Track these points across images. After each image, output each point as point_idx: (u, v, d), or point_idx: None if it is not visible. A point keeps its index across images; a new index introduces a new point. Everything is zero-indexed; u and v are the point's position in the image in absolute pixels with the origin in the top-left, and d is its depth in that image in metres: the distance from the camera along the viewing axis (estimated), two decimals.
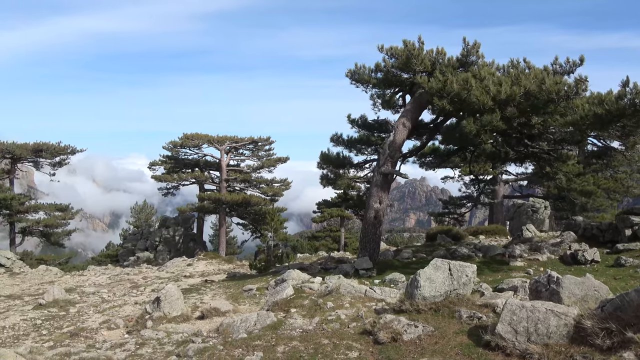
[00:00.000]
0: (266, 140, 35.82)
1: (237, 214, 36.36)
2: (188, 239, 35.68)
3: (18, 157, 34.09)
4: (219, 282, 15.35)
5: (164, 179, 34.84)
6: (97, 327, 9.69)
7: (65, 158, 36.45)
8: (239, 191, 35.04)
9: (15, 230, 33.37)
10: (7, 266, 22.40)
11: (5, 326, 10.40)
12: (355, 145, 18.30)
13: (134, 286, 16.22)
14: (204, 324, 8.82)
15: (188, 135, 33.89)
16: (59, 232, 35.15)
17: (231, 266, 22.28)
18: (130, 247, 36.63)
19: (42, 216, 34.46)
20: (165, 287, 9.84)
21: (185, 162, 36.25)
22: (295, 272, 10.52)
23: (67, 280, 19.36)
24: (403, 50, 14.74)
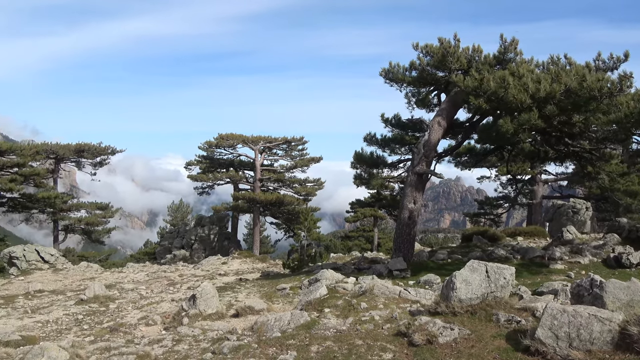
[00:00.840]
0: (299, 140, 35.99)
1: (271, 213, 36.66)
2: (223, 237, 36.22)
3: (61, 157, 35.41)
4: (253, 281, 15.52)
5: (199, 178, 35.47)
6: (135, 323, 9.96)
7: (105, 158, 37.65)
8: (273, 191, 35.33)
9: (58, 228, 34.67)
10: (50, 262, 23.26)
11: (49, 320, 10.81)
12: (389, 145, 18.17)
13: (171, 283, 16.59)
14: (239, 322, 8.92)
15: (223, 136, 34.39)
16: (99, 230, 36.32)
17: (265, 265, 22.49)
18: (167, 245, 37.48)
19: (83, 214, 35.70)
20: (200, 285, 10.01)
21: (220, 162, 36.80)
22: (328, 272, 10.52)
23: (107, 276, 19.96)
24: (438, 48, 14.53)
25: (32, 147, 32.27)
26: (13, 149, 29.81)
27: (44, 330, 9.82)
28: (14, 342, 8.06)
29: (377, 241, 39.51)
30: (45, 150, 33.93)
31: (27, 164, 29.82)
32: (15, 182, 28.11)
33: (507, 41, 14.46)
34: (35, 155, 31.51)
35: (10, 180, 27.95)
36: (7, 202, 30.65)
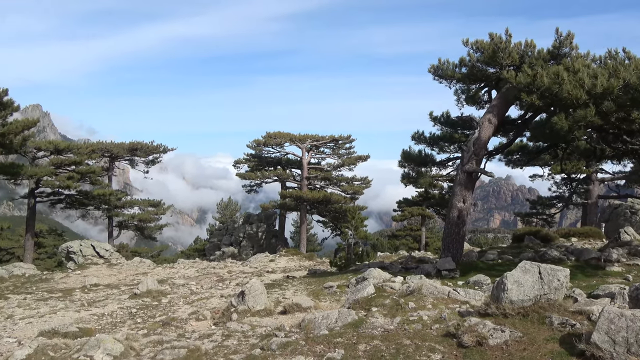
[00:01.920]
0: (347, 139, 35.93)
1: (318, 211, 36.82)
2: (270, 235, 36.71)
3: (116, 155, 36.93)
4: (300, 279, 15.63)
5: (247, 176, 36.08)
6: (186, 318, 10.23)
7: (157, 156, 38.97)
8: (320, 189, 35.45)
9: (113, 224, 36.19)
10: (105, 257, 24.29)
11: (105, 313, 11.28)
12: (438, 143, 17.85)
13: (220, 280, 16.96)
14: (286, 319, 9.00)
15: (271, 134, 34.81)
16: (151, 227, 37.66)
17: (311, 263, 22.61)
18: (216, 242, 38.37)
19: (136, 211, 37.11)
20: (249, 282, 10.17)
21: (268, 160, 37.29)
22: (376, 271, 10.45)
23: (158, 272, 20.64)
24: (489, 44, 14.13)
25: (88, 146, 33.83)
26: (70, 147, 31.33)
27: (99, 323, 10.25)
28: (72, 333, 8.47)
29: (424, 240, 38.96)
30: (100, 149, 35.49)
31: (84, 162, 31.25)
32: (72, 180, 29.53)
33: (562, 35, 13.88)
34: (91, 154, 33.01)
35: (68, 178, 29.38)
36: (65, 198, 32.23)
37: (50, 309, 12.02)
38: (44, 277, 19.09)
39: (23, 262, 24.58)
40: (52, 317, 10.99)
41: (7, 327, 9.88)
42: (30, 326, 9.97)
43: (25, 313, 11.51)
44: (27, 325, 10.06)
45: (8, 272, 19.95)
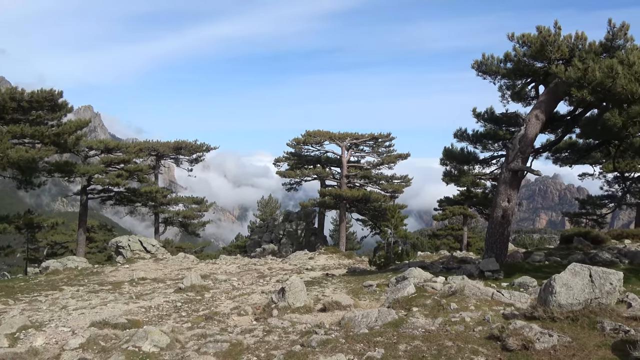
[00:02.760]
0: (386, 137, 35.63)
1: (357, 209, 36.71)
2: (310, 233, 36.89)
3: (161, 154, 38.03)
4: (340, 277, 15.63)
5: (287, 174, 36.37)
6: (228, 313, 10.42)
7: (201, 155, 39.86)
8: (359, 187, 35.31)
9: (159, 220, 37.30)
10: (152, 252, 25.05)
11: (152, 306, 11.63)
12: (481, 140, 17.44)
13: (261, 276, 17.18)
14: (326, 317, 9.03)
15: (310, 133, 34.94)
16: (195, 223, 38.58)
17: (351, 261, 22.57)
18: (257, 239, 38.90)
19: (181, 208, 38.11)
20: (289, 279, 10.26)
21: (307, 158, 37.46)
22: (416, 270, 10.33)
23: (202, 267, 21.10)
24: (536, 37, 13.67)
25: (136, 145, 34.97)
26: (120, 146, 32.48)
27: (146, 315, 10.58)
28: (121, 324, 8.79)
29: (466, 240, 38.20)
30: (147, 147, 36.62)
31: (132, 161, 32.32)
32: (121, 177, 30.60)
33: (616, 26, 13.26)
34: (139, 153, 34.10)
35: (117, 176, 30.47)
36: (115, 195, 33.45)
37: (101, 300, 12.51)
38: (95, 270, 19.88)
39: (76, 256, 25.70)
40: (102, 308, 11.43)
41: (62, 317, 10.35)
42: (83, 317, 10.41)
43: (78, 304, 12.02)
44: (80, 316, 10.50)
45: (62, 265, 20.90)
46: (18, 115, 21.45)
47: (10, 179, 24.19)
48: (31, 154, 20.58)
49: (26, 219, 23.73)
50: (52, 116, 22.37)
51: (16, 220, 22.81)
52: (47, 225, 26.57)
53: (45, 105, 21.74)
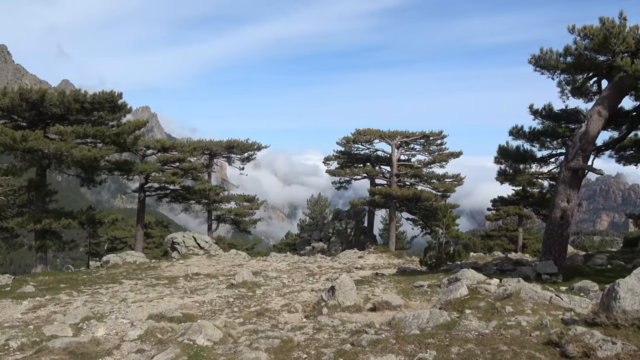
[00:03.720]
0: (438, 135, 34.95)
1: (407, 209, 36.24)
2: (359, 231, 36.78)
3: (214, 153, 39.00)
4: (389, 276, 15.49)
5: (337, 173, 36.38)
6: (279, 309, 10.55)
7: (252, 154, 40.56)
8: (410, 186, 34.84)
9: (212, 218, 38.28)
10: (205, 249, 25.76)
11: (205, 301, 11.95)
12: (539, 138, 16.76)
13: (310, 274, 17.29)
14: (376, 316, 8.98)
15: (360, 131, 34.79)
16: (246, 221, 39.32)
17: (401, 261, 22.33)
18: (306, 237, 39.17)
19: (233, 206, 38.94)
20: (339, 277, 10.27)
21: (357, 157, 37.33)
22: (469, 272, 10.07)
23: (253, 264, 21.49)
24: (599, 30, 12.97)
25: (190, 144, 36.01)
26: (175, 146, 33.58)
27: (200, 310, 10.88)
28: (176, 318, 9.09)
29: (521, 242, 36.93)
30: (201, 146, 37.65)
31: (187, 160, 33.33)
32: (176, 176, 31.63)
33: None
34: (193, 152, 35.08)
35: (172, 174, 31.52)
36: (170, 193, 34.63)
37: (157, 294, 12.98)
38: (151, 265, 20.67)
39: (134, 251, 26.83)
40: (159, 302, 11.86)
41: (122, 309, 10.83)
42: (141, 309, 10.84)
43: (137, 297, 12.53)
44: (138, 309, 10.95)
45: (122, 259, 21.87)
46: (81, 116, 22.61)
47: (74, 177, 25.53)
48: (93, 153, 21.63)
49: (89, 215, 24.95)
50: (113, 117, 23.43)
51: (80, 216, 24.02)
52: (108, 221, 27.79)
53: (106, 107, 22.79)
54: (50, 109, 21.47)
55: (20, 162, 22.62)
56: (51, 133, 21.85)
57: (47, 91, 21.46)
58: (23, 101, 20.67)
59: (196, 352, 6.51)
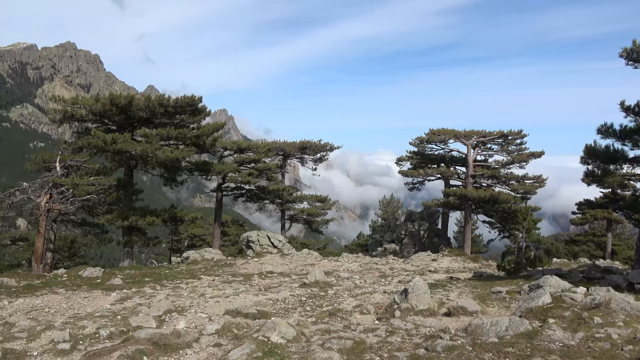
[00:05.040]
0: (517, 134, 33.32)
1: (484, 211, 34.88)
2: (432, 233, 35.93)
3: (288, 154, 39.75)
4: (465, 281, 15.00)
5: (410, 174, 35.74)
6: (351, 310, 10.53)
7: (324, 154, 40.91)
8: (487, 187, 33.48)
9: (285, 217, 39.03)
10: (278, 247, 26.30)
11: (278, 299, 12.18)
12: (631, 137, 15.48)
13: (382, 276, 17.12)
14: (451, 322, 8.72)
15: (434, 131, 33.95)
16: (318, 221, 39.71)
17: (477, 265, 21.56)
18: (378, 238, 38.86)
19: (305, 206, 39.46)
20: (412, 280, 10.08)
21: (430, 157, 36.46)
22: (552, 279, 9.50)
23: (324, 264, 21.64)
24: None
25: (265, 145, 36.94)
26: (250, 147, 34.60)
27: (274, 307, 11.11)
28: (251, 314, 9.34)
29: (610, 248, 34.35)
30: (275, 147, 38.53)
31: (261, 160, 34.21)
32: (252, 176, 32.57)
33: None
34: (268, 152, 35.96)
35: (248, 174, 32.49)
36: (246, 193, 35.73)
37: (233, 290, 13.43)
38: (228, 262, 21.42)
39: (212, 248, 27.94)
40: (235, 298, 12.26)
41: (200, 304, 11.30)
42: (218, 305, 11.26)
43: (214, 293, 13.03)
44: (216, 304, 11.37)
45: (200, 256, 22.86)
46: (165, 119, 23.93)
47: (158, 177, 27.06)
48: (175, 154, 22.81)
49: (171, 213, 26.35)
50: (193, 119, 24.59)
51: (163, 214, 25.44)
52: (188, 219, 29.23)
53: (187, 110, 23.96)
54: (137, 113, 22.92)
55: (110, 163, 24.37)
56: (138, 135, 23.31)
57: (135, 96, 22.91)
58: (113, 106, 22.21)
59: (270, 349, 6.64)
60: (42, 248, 21.23)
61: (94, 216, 26.66)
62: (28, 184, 22.59)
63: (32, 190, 22.19)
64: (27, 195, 22.09)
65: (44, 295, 12.49)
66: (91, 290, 13.46)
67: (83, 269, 17.68)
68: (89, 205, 24.72)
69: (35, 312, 10.50)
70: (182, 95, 23.49)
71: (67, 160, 23.44)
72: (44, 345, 7.47)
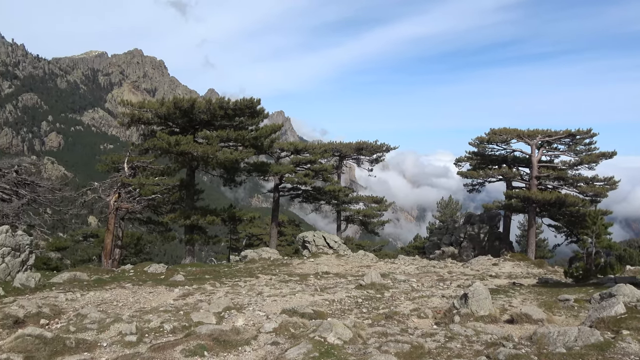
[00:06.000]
0: (586, 133, 31.59)
1: (549, 214, 33.31)
2: (493, 237, 34.77)
3: (344, 154, 39.79)
4: (529, 287, 14.37)
5: (469, 175, 34.77)
6: (408, 314, 10.35)
7: (380, 155, 40.64)
8: (552, 189, 31.97)
9: (340, 218, 39.07)
10: (334, 248, 26.33)
11: (334, 300, 12.17)
12: None
13: (440, 279, 16.73)
14: (514, 329, 8.37)
15: (495, 131, 32.83)
16: (374, 222, 39.47)
17: (541, 271, 20.63)
18: (436, 240, 38.08)
19: (361, 207, 39.35)
20: (473, 285, 9.77)
21: (491, 158, 35.30)
22: (626, 287, 8.89)
23: (380, 266, 21.43)
24: None
25: (321, 146, 37.17)
26: (307, 148, 34.92)
27: (330, 308, 11.11)
28: (308, 314, 9.38)
29: None
30: (331, 148, 38.68)
31: (317, 161, 34.46)
32: (308, 177, 32.87)
33: None
34: (324, 153, 36.17)
35: (304, 175, 32.81)
36: (302, 193, 36.11)
37: (290, 290, 13.56)
38: (284, 262, 21.69)
39: (269, 247, 28.41)
40: (291, 297, 12.38)
41: (258, 302, 11.49)
42: (275, 304, 11.40)
43: (271, 292, 13.22)
44: (273, 303, 11.53)
45: (258, 255, 23.29)
46: (224, 121, 24.61)
47: (218, 177, 27.85)
48: (235, 156, 23.39)
49: (230, 213, 27.07)
50: (252, 121, 25.14)
51: (222, 214, 26.18)
52: (246, 218, 29.92)
53: (246, 112, 24.53)
54: (198, 115, 23.71)
55: (174, 164, 25.34)
56: (199, 137, 24.11)
57: (197, 100, 23.72)
58: (177, 109, 23.09)
59: (327, 350, 6.63)
60: (111, 244, 22.38)
61: (159, 215, 27.83)
62: (99, 184, 23.91)
63: (102, 189, 23.46)
64: (98, 194, 23.38)
65: (112, 289, 13.15)
66: (156, 285, 14.03)
67: (148, 265, 18.47)
68: (154, 204, 25.82)
69: (105, 305, 11.06)
70: (241, 98, 24.09)
71: (134, 161, 24.60)
72: (112, 337, 7.85)
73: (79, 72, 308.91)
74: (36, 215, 24.07)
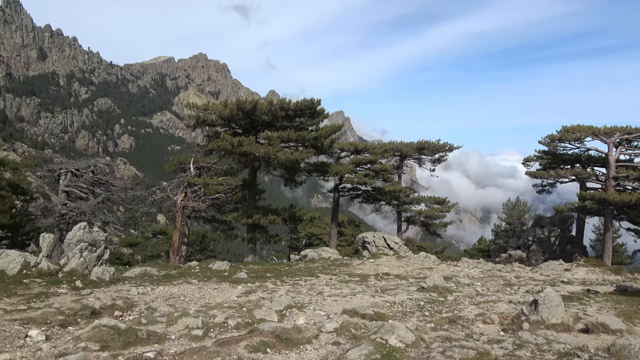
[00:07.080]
0: None
1: (628, 217, 31.13)
2: (565, 241, 33.00)
3: (405, 154, 39.22)
4: (605, 295, 13.48)
5: (539, 175, 33.19)
6: (472, 318, 9.98)
7: (443, 155, 39.71)
8: (632, 191, 29.90)
9: (401, 219, 38.54)
10: (395, 249, 25.97)
11: (395, 302, 11.96)
12: None
13: (507, 284, 16.04)
14: (589, 339, 7.86)
15: (568, 128, 31.12)
16: (436, 223, 38.60)
17: (619, 278, 19.29)
18: (502, 243, 36.67)
19: (423, 208, 38.61)
20: (543, 291, 9.27)
21: (563, 157, 33.51)
22: None
23: (443, 268, 20.87)
24: None
25: (382, 146, 36.82)
26: (367, 148, 34.71)
27: (391, 310, 10.92)
28: (368, 315, 9.27)
29: None
30: (391, 148, 38.25)
31: (378, 161, 34.16)
32: (368, 177, 32.65)
33: None
34: (384, 153, 35.81)
35: (364, 175, 32.62)
36: (362, 194, 35.93)
37: (350, 290, 13.48)
38: (344, 262, 21.65)
39: (328, 247, 28.50)
40: (352, 298, 12.30)
41: (319, 302, 11.51)
42: (335, 303, 11.37)
43: (332, 292, 13.20)
44: (333, 302, 11.50)
45: (318, 255, 23.40)
46: (285, 122, 24.95)
47: (279, 177, 28.27)
48: (295, 156, 23.64)
49: (290, 212, 27.42)
50: (312, 122, 25.31)
51: (283, 213, 26.57)
52: (306, 218, 30.17)
53: (307, 113, 24.73)
54: (260, 116, 24.18)
55: (237, 164, 26.00)
56: (261, 138, 24.59)
57: (259, 101, 24.21)
58: (240, 111, 23.67)
59: (389, 352, 6.50)
60: (178, 241, 23.29)
61: (222, 213, 28.67)
62: (167, 183, 24.97)
63: (170, 189, 24.48)
64: (166, 194, 24.42)
65: (179, 285, 13.64)
66: (220, 282, 14.42)
67: (212, 262, 19.04)
68: (218, 203, 26.62)
69: (173, 299, 11.48)
70: (302, 99, 24.30)
71: (199, 161, 25.48)
72: (180, 330, 8.12)
73: (148, 77, 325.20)
74: (110, 213, 25.52)
